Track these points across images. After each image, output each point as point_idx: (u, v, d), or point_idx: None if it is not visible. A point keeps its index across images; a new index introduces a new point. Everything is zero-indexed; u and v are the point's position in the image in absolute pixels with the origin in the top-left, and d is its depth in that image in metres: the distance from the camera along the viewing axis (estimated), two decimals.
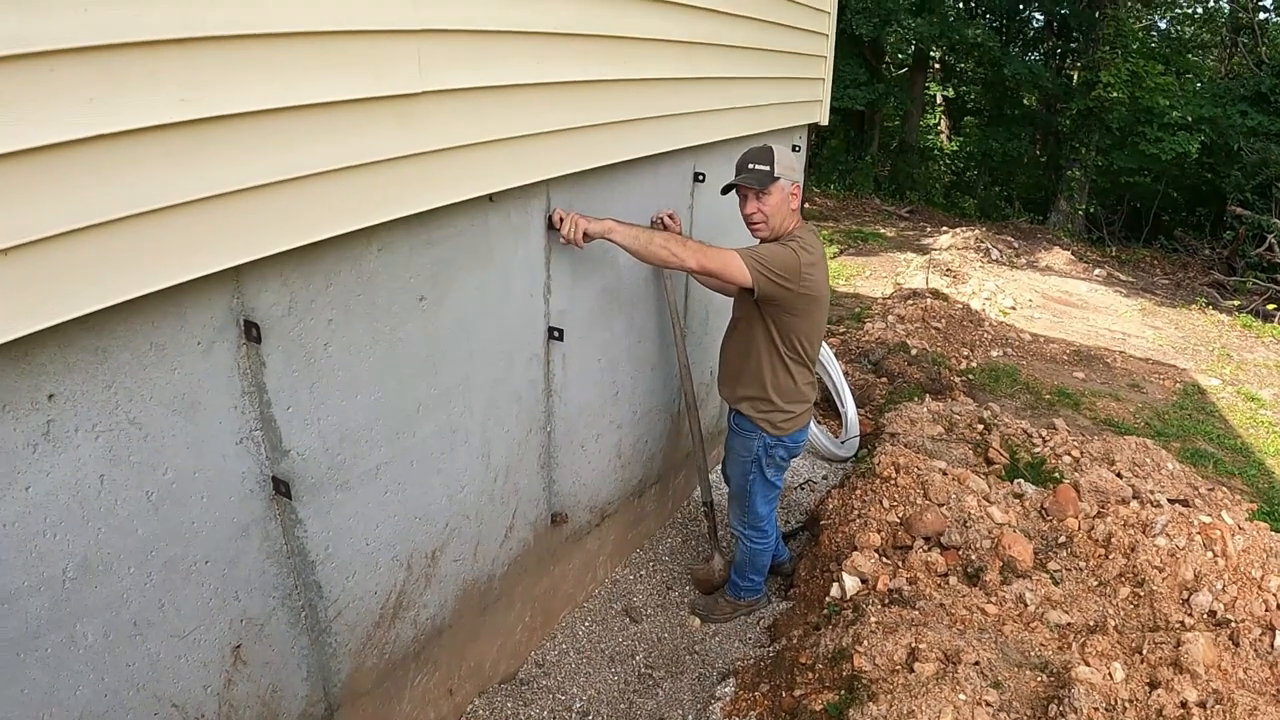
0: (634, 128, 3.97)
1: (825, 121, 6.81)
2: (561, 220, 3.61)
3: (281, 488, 2.72)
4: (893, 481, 5.15)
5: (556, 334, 3.93)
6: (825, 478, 6.68)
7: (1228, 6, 25.07)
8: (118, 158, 1.89)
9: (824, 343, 7.69)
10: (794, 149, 6.53)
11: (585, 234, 3.61)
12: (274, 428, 2.66)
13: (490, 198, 3.28)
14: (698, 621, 5.01)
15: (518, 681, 4.42)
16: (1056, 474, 5.75)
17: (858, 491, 5.26)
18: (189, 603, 2.55)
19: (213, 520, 2.55)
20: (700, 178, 4.93)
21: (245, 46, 2.10)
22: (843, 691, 3.64)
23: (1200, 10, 26.47)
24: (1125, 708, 3.40)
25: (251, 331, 2.49)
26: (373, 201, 2.63)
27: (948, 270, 13.95)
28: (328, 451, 2.88)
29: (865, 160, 26.25)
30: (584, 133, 3.59)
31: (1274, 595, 4.16)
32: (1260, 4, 23.60)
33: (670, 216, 4.45)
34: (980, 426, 6.54)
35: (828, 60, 6.54)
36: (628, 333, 4.59)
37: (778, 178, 3.94)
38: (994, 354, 10.25)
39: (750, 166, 3.96)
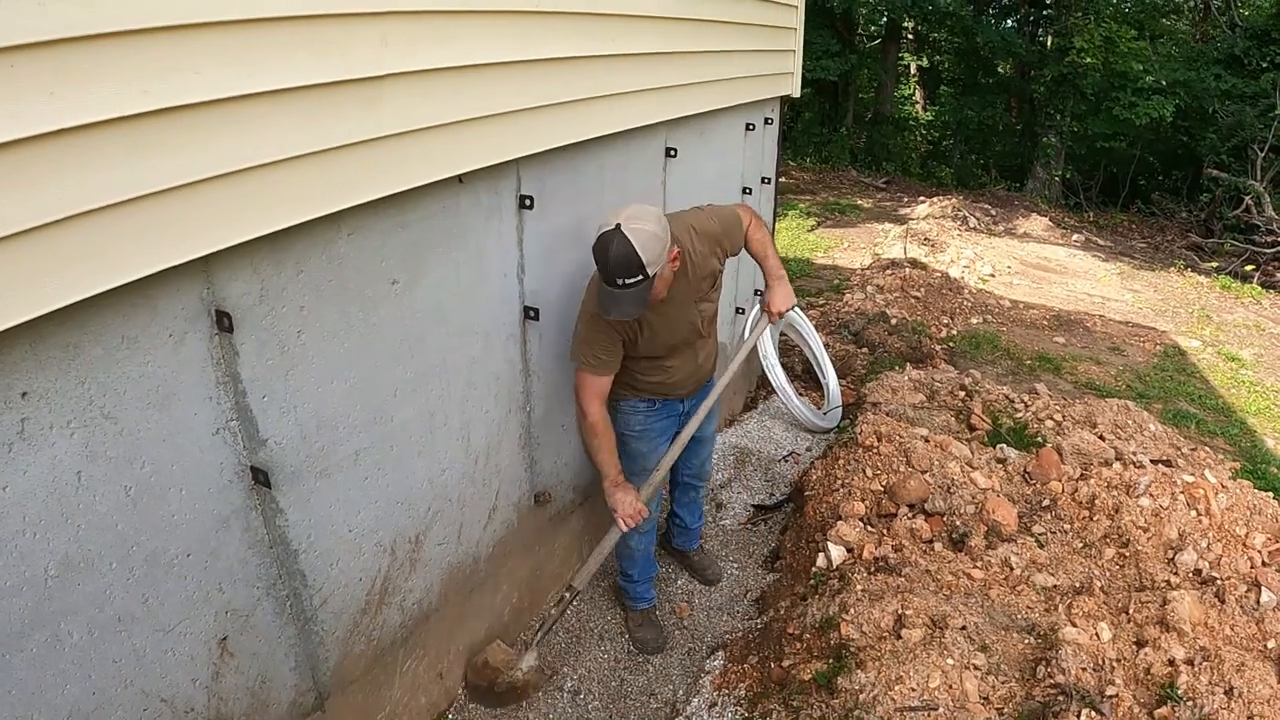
0: (604, 104, 3.96)
1: (797, 94, 6.80)
2: None
3: (260, 477, 2.71)
4: (875, 450, 5.16)
5: (532, 313, 3.92)
6: (809, 449, 6.69)
7: None
8: (82, 151, 1.88)
9: (804, 314, 7.72)
10: (766, 121, 6.52)
11: None
12: (250, 417, 2.65)
13: (460, 179, 3.27)
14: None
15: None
16: (1039, 438, 5.77)
17: (840, 461, 5.27)
18: (173, 597, 2.55)
19: (192, 513, 2.54)
20: (672, 153, 4.91)
21: (206, 35, 2.09)
22: (831, 660, 3.66)
23: None
24: (1113, 667, 3.42)
25: (223, 321, 2.47)
26: (341, 186, 2.61)
27: (926, 239, 13.97)
28: (305, 439, 2.87)
29: (840, 132, 26.22)
30: (553, 110, 3.57)
31: (1258, 552, 4.19)
32: None
33: None
34: (962, 393, 6.56)
35: (798, 32, 6.53)
36: None
37: (653, 276, 3.46)
38: (974, 321, 10.28)
39: (622, 283, 3.39)
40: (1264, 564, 4.14)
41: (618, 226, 3.35)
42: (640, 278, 3.37)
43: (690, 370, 4.19)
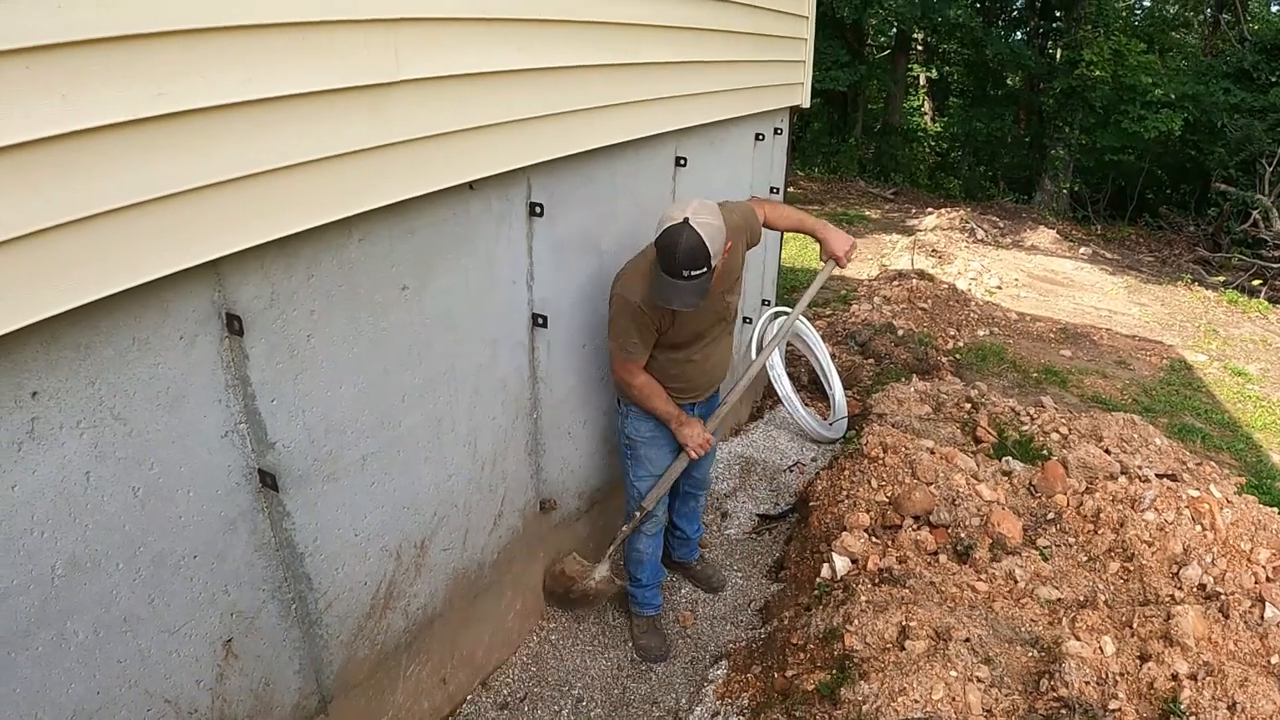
0: (615, 113, 3.97)
1: (807, 104, 6.81)
2: None
3: (268, 480, 2.72)
4: (880, 461, 5.16)
5: (540, 321, 3.93)
6: (814, 459, 6.69)
7: None
8: (95, 153, 1.90)
9: (811, 325, 7.72)
10: (776, 132, 6.53)
11: None
12: (259, 420, 2.66)
13: (470, 185, 3.28)
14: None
15: (511, 668, 4.43)
16: (1045, 451, 5.76)
17: (846, 472, 5.27)
18: (179, 598, 2.56)
19: (200, 514, 2.55)
20: (682, 162, 4.92)
21: (220, 39, 2.10)
22: (834, 671, 3.65)
23: None
24: (1116, 681, 3.42)
25: (234, 324, 2.49)
26: (352, 192, 2.63)
27: (933, 251, 13.97)
28: (313, 443, 2.88)
29: (849, 143, 26.23)
30: (564, 119, 3.58)
31: (1263, 567, 4.18)
32: None
33: None
34: (968, 405, 6.56)
35: (808, 43, 6.54)
36: None
37: (715, 267, 3.59)
38: (981, 333, 10.27)
39: (688, 275, 3.49)
40: (1268, 579, 4.13)
41: (686, 220, 3.45)
42: (705, 269, 3.49)
43: (706, 368, 4.23)
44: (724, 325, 4.21)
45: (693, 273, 3.48)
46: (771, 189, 6.62)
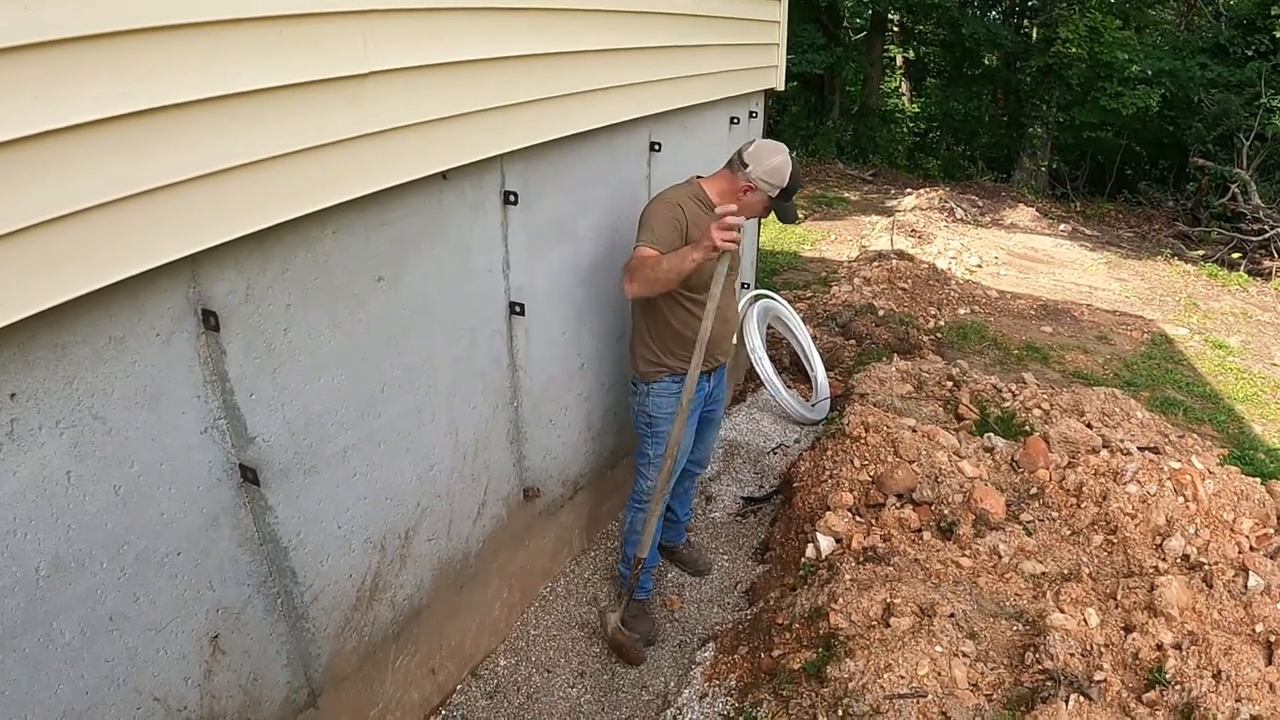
0: (587, 99, 3.97)
1: (781, 87, 6.81)
2: None
3: (249, 475, 2.72)
4: (863, 441, 5.18)
5: (518, 309, 3.94)
6: (797, 441, 6.71)
7: None
8: (66, 153, 1.89)
9: (791, 307, 7.74)
10: (751, 115, 6.53)
11: None
12: (238, 415, 2.66)
13: (444, 175, 3.28)
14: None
15: (499, 657, 4.44)
16: (1027, 427, 5.79)
17: (829, 452, 5.28)
18: (164, 595, 2.56)
19: (182, 511, 2.55)
20: (656, 147, 4.93)
21: (187, 36, 2.09)
22: (820, 649, 3.67)
23: None
24: (1101, 652, 3.45)
25: (210, 320, 2.48)
26: (324, 184, 2.62)
27: (913, 231, 13.99)
28: (293, 437, 2.88)
29: (827, 125, 26.14)
30: (537, 106, 3.58)
31: (1246, 537, 4.21)
32: None
33: None
34: (949, 383, 6.58)
35: (781, 25, 6.54)
36: (590, 304, 4.59)
37: None
38: (961, 312, 10.30)
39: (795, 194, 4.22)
40: (1251, 549, 4.16)
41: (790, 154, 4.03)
42: None
43: (725, 317, 4.17)
44: (730, 268, 4.14)
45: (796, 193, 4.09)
46: None
